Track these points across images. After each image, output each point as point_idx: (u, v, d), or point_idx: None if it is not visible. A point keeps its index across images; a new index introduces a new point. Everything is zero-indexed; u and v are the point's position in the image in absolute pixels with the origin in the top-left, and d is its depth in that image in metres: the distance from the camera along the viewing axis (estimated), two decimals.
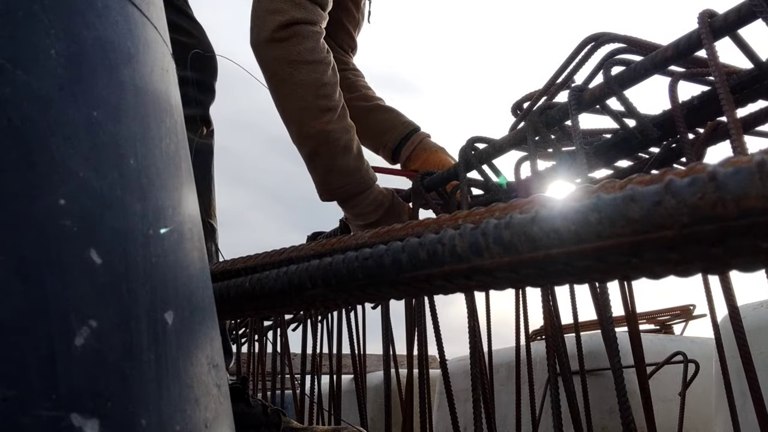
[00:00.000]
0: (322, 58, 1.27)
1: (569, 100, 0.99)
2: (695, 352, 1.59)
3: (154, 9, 0.39)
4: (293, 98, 1.26)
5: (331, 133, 1.28)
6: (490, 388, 1.30)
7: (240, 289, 0.44)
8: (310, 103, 1.26)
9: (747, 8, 0.79)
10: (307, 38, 1.25)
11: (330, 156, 1.29)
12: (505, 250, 0.25)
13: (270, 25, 1.23)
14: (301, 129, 1.28)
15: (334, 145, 1.29)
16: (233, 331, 2.49)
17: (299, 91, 1.25)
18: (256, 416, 1.09)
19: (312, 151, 1.30)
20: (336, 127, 1.29)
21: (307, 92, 1.25)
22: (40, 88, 0.28)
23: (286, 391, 2.14)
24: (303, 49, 1.24)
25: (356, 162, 1.33)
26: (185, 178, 0.37)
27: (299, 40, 1.24)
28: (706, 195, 0.21)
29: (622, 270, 0.24)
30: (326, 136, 1.28)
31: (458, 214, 0.32)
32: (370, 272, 0.32)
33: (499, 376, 1.93)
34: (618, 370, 0.87)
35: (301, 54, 1.24)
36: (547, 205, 0.25)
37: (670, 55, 0.89)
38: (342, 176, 1.31)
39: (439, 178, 1.36)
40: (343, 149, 1.30)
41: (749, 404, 0.93)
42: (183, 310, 0.32)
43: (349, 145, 1.32)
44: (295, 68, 1.24)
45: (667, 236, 0.22)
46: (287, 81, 1.25)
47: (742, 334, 0.91)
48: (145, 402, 0.27)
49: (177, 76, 0.42)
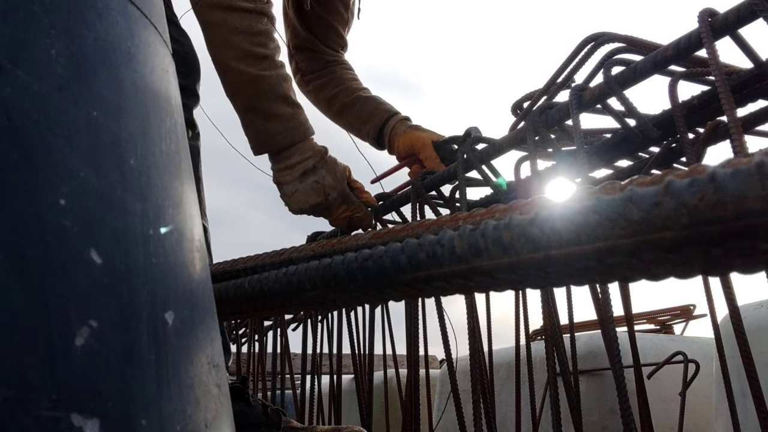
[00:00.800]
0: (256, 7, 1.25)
1: (570, 99, 0.99)
2: (695, 352, 1.59)
3: (154, 9, 0.39)
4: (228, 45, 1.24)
5: (268, 79, 1.25)
6: (490, 388, 1.30)
7: (239, 290, 0.44)
8: (246, 50, 1.23)
9: (747, 7, 0.79)
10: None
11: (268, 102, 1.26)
12: (505, 252, 0.25)
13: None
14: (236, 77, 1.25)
15: (272, 91, 1.26)
16: (234, 331, 2.50)
17: (233, 38, 1.23)
18: (257, 416, 1.09)
19: (249, 99, 1.27)
20: (272, 73, 1.26)
21: (242, 39, 1.23)
22: (41, 88, 0.28)
23: (286, 391, 2.14)
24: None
25: (295, 109, 1.30)
26: (185, 178, 0.38)
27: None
28: (705, 196, 0.21)
29: (621, 271, 0.24)
30: (263, 82, 1.25)
31: (458, 215, 0.32)
32: (369, 273, 0.32)
33: (499, 376, 1.93)
34: (619, 371, 0.87)
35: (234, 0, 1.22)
36: (546, 206, 0.25)
37: (670, 54, 0.88)
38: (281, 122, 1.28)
39: (439, 178, 1.36)
40: (282, 97, 1.28)
41: (750, 404, 0.93)
42: (183, 309, 0.32)
43: (287, 94, 1.29)
44: (228, 14, 1.22)
45: (667, 237, 0.22)
46: (221, 27, 1.23)
47: (743, 334, 0.91)
48: (145, 402, 0.27)
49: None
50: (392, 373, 1.89)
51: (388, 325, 1.70)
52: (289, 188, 1.33)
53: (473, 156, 1.22)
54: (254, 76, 1.24)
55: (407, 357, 1.32)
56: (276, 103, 1.27)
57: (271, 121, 1.28)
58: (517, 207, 0.27)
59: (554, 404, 0.99)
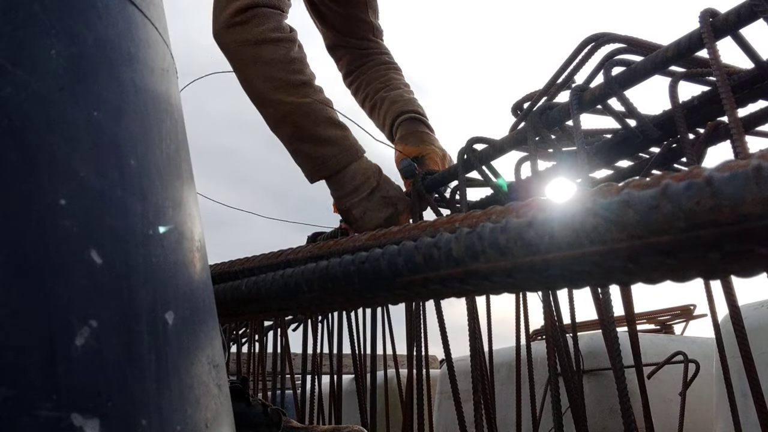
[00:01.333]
0: (286, 36, 1.24)
1: (570, 99, 0.99)
2: (696, 352, 1.59)
3: (154, 9, 0.39)
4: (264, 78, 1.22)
5: (311, 105, 1.24)
6: (491, 388, 1.30)
7: (236, 292, 0.43)
8: (283, 79, 1.22)
9: (747, 8, 0.79)
10: (269, 18, 1.21)
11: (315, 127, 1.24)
12: (501, 255, 0.25)
13: (229, 9, 1.20)
14: (278, 108, 1.23)
15: (318, 116, 1.24)
16: (234, 331, 2.50)
17: (269, 70, 1.21)
18: (257, 416, 1.09)
19: (295, 128, 1.25)
20: (315, 98, 1.24)
21: (278, 69, 1.22)
22: (41, 88, 0.28)
23: (286, 391, 2.14)
24: (265, 29, 1.21)
25: (344, 130, 1.29)
26: (185, 178, 0.38)
27: (260, 20, 1.21)
28: (702, 200, 0.21)
29: (618, 275, 0.24)
30: (307, 108, 1.23)
31: (455, 217, 0.32)
32: (366, 276, 0.32)
33: (499, 376, 1.93)
34: (619, 370, 0.87)
35: (263, 33, 1.20)
36: (543, 209, 0.25)
37: (670, 55, 0.88)
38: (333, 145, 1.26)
39: (439, 179, 1.36)
40: (328, 120, 1.26)
41: (750, 404, 0.93)
42: (183, 310, 0.32)
43: (333, 116, 1.27)
44: (260, 47, 1.20)
45: (664, 241, 0.22)
46: (255, 62, 1.21)
47: (743, 334, 0.91)
48: (145, 402, 0.27)
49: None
50: (392, 373, 1.89)
51: (388, 325, 1.71)
52: (358, 211, 1.32)
53: (473, 156, 1.22)
54: (297, 103, 1.23)
55: (407, 357, 1.32)
56: (324, 126, 1.25)
57: (322, 146, 1.26)
58: (514, 209, 0.27)
59: (555, 404, 0.99)
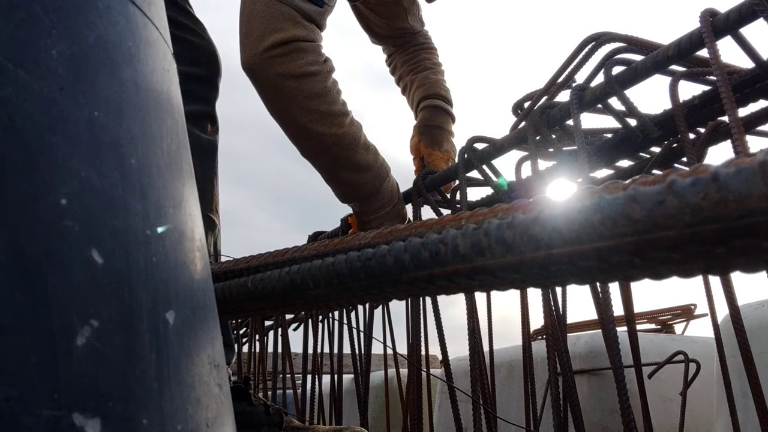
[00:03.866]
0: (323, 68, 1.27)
1: (571, 99, 0.99)
2: (696, 352, 1.59)
3: (155, 9, 0.39)
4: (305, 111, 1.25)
5: (349, 134, 1.29)
6: (491, 388, 1.30)
7: (242, 288, 0.44)
8: (324, 111, 1.26)
9: (748, 7, 0.79)
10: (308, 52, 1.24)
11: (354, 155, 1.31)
12: (508, 250, 0.25)
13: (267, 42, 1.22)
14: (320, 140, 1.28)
15: (356, 144, 1.31)
16: (234, 330, 2.50)
17: (309, 103, 1.25)
18: (258, 415, 1.09)
19: (336, 158, 1.30)
20: (352, 128, 1.30)
21: (318, 102, 1.25)
22: (42, 88, 0.28)
23: (287, 391, 2.14)
24: (305, 62, 1.24)
25: (375, 153, 1.36)
26: (186, 177, 0.37)
27: (300, 54, 1.23)
28: (708, 195, 0.21)
29: (624, 270, 0.24)
30: (346, 138, 1.29)
31: (461, 215, 0.32)
32: (372, 272, 0.32)
33: (499, 376, 1.93)
34: (619, 370, 0.87)
35: (303, 67, 1.23)
36: (549, 205, 0.25)
37: (671, 54, 0.88)
38: (368, 171, 1.33)
39: (440, 178, 1.36)
40: (364, 146, 1.32)
41: (750, 404, 0.93)
42: (184, 309, 0.32)
43: (366, 141, 1.34)
44: (300, 81, 1.23)
45: (670, 236, 0.22)
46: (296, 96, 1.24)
47: (743, 334, 0.91)
48: (146, 401, 0.27)
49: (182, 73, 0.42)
50: (392, 373, 1.89)
51: (389, 324, 1.70)
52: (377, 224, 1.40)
53: (474, 156, 1.22)
54: (339, 135, 1.28)
55: (407, 357, 1.32)
56: (360, 153, 1.32)
57: (360, 172, 1.33)
58: (520, 206, 0.27)
59: (555, 404, 0.99)
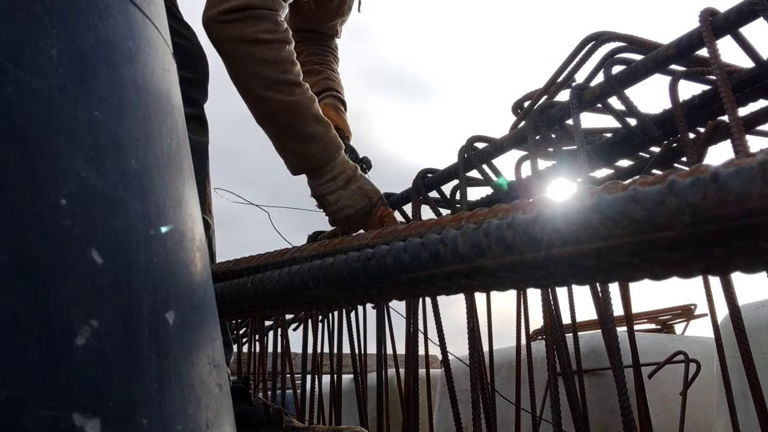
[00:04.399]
0: (278, 37, 1.28)
1: (571, 98, 0.99)
2: (696, 352, 1.59)
3: (155, 9, 0.39)
4: (255, 76, 1.27)
5: (300, 103, 1.30)
6: (491, 388, 1.30)
7: (243, 289, 0.44)
8: (274, 78, 1.27)
9: (747, 7, 0.79)
10: (263, 19, 1.26)
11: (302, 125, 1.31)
12: (507, 251, 0.25)
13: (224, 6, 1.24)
14: (268, 105, 1.29)
15: (305, 114, 1.31)
16: (234, 330, 2.50)
17: (261, 69, 1.26)
18: (258, 415, 1.09)
19: (284, 125, 1.31)
20: (303, 97, 1.31)
21: (270, 69, 1.27)
22: (42, 88, 0.28)
23: (287, 391, 2.14)
24: (258, 29, 1.25)
25: (327, 127, 1.36)
26: (186, 177, 0.37)
27: (254, 21, 1.25)
28: (708, 195, 0.21)
29: (624, 270, 0.24)
30: (295, 107, 1.29)
31: (461, 215, 0.32)
32: (372, 272, 0.32)
33: (499, 376, 1.93)
34: (619, 370, 0.87)
35: (256, 34, 1.25)
36: (549, 205, 0.25)
37: (671, 53, 0.88)
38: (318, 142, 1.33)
39: (439, 177, 1.36)
40: (314, 117, 1.33)
41: (750, 404, 0.93)
42: (184, 309, 0.32)
43: (318, 113, 1.34)
44: (253, 47, 1.25)
45: (669, 237, 0.22)
46: (247, 60, 1.26)
47: (743, 334, 0.91)
48: (146, 402, 0.27)
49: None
50: (392, 373, 1.89)
51: (388, 324, 1.70)
52: (333, 197, 1.38)
53: (474, 155, 1.22)
54: (286, 102, 1.29)
55: (406, 357, 1.32)
56: (310, 125, 1.32)
57: (308, 143, 1.33)
58: (520, 206, 0.27)
59: (554, 403, 0.99)
